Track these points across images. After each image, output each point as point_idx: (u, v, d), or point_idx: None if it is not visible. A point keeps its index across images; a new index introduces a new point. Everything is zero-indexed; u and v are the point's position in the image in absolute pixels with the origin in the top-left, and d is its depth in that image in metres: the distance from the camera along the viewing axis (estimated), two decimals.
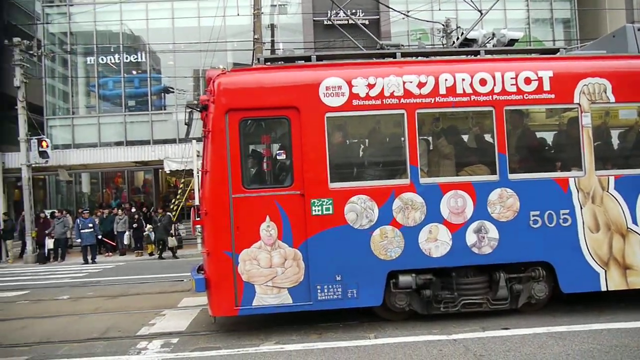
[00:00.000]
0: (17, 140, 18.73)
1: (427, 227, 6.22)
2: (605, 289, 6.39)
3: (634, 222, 6.44)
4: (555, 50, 7.31)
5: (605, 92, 6.52)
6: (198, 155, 16.10)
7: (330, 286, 6.10)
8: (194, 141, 16.22)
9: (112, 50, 24.03)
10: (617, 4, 20.51)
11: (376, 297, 6.21)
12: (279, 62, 6.89)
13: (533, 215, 6.33)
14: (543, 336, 5.73)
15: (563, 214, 6.36)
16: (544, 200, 6.35)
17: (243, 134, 6.24)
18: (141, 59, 24.23)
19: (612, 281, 6.40)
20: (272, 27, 19.10)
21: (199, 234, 7.85)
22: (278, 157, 6.49)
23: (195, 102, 7.49)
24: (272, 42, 18.23)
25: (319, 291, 6.09)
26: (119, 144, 23.09)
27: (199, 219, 6.67)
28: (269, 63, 6.85)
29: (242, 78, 6.45)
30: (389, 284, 6.25)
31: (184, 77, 22.75)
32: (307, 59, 6.76)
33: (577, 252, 6.35)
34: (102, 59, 24.11)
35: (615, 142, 7.07)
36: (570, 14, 22.70)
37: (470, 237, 6.26)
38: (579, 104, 6.48)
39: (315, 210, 6.09)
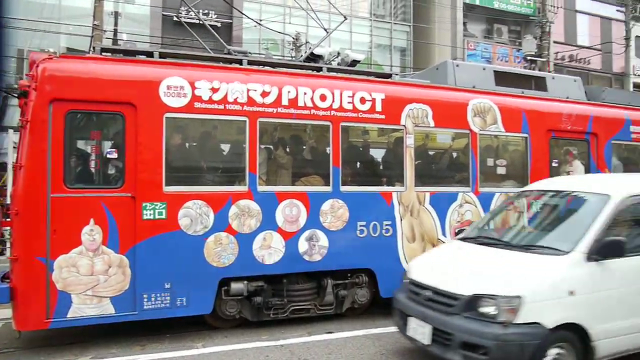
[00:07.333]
0: None
1: (262, 235, 6.31)
2: None
3: (443, 233, 7.31)
4: (388, 75, 8.00)
5: (427, 117, 7.31)
6: (14, 147, 14.21)
7: (158, 294, 5.82)
8: (10, 130, 14.29)
9: None
10: (444, 41, 23.26)
11: (206, 305, 6.09)
12: (119, 55, 6.45)
13: (360, 225, 6.81)
14: (362, 338, 6.16)
15: (386, 225, 6.96)
16: (370, 211, 6.88)
17: (70, 127, 5.68)
18: None
19: None
20: (116, 15, 17.74)
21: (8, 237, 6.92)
22: (109, 156, 6.02)
23: (15, 86, 6.63)
24: (115, 31, 16.88)
25: (145, 300, 5.76)
26: None
27: (8, 219, 5.88)
28: (106, 54, 6.38)
29: (73, 66, 5.86)
30: (220, 291, 6.19)
31: (5, 57, 20.02)
32: (150, 54, 6.43)
33: (396, 260, 6.99)
34: None
35: (432, 162, 7.97)
36: (407, 44, 25.10)
37: (303, 245, 6.50)
38: (404, 125, 7.17)
39: (146, 214, 5.78)
